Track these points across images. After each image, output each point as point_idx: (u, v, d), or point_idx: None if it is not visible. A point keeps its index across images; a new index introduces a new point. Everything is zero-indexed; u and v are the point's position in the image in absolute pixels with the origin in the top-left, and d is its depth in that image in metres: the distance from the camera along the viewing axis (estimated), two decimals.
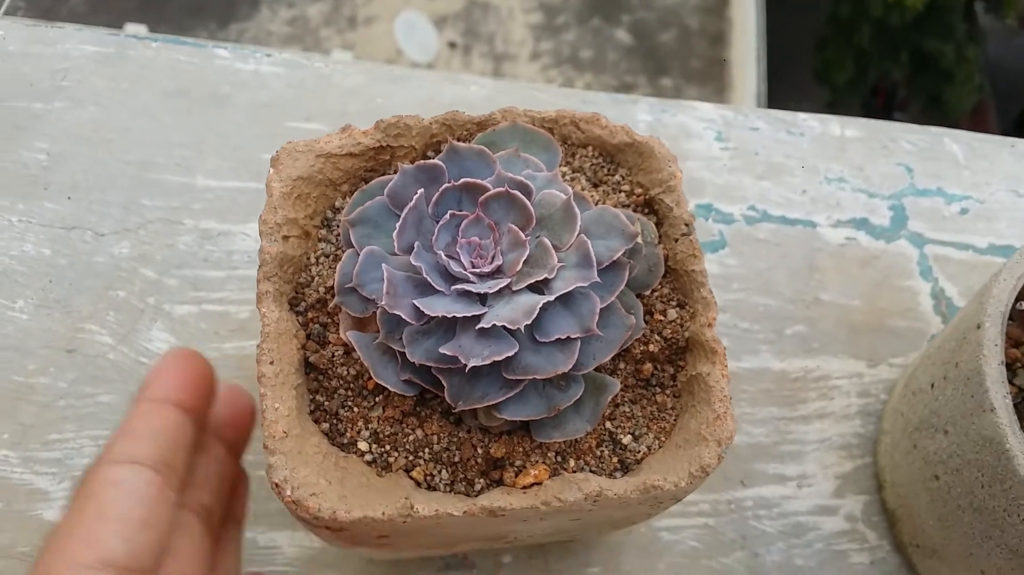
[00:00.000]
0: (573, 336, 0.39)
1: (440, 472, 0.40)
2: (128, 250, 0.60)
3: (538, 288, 0.40)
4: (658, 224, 0.47)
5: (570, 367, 0.39)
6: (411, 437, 0.41)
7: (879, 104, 8.68)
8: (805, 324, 0.64)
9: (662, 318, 0.44)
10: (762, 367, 0.62)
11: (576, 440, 0.41)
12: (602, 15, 7.99)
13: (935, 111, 7.90)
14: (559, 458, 0.41)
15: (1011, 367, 0.50)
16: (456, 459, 0.40)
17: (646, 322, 0.44)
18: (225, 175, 0.64)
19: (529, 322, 0.38)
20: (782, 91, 8.14)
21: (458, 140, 0.48)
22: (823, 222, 0.67)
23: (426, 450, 0.40)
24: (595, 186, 0.48)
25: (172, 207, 0.63)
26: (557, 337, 0.39)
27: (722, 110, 0.72)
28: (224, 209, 0.63)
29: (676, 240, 0.46)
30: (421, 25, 7.31)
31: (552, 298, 0.39)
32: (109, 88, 0.68)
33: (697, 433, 0.41)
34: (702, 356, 0.43)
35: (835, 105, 8.07)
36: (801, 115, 0.72)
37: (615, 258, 0.41)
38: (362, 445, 0.41)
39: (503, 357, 0.38)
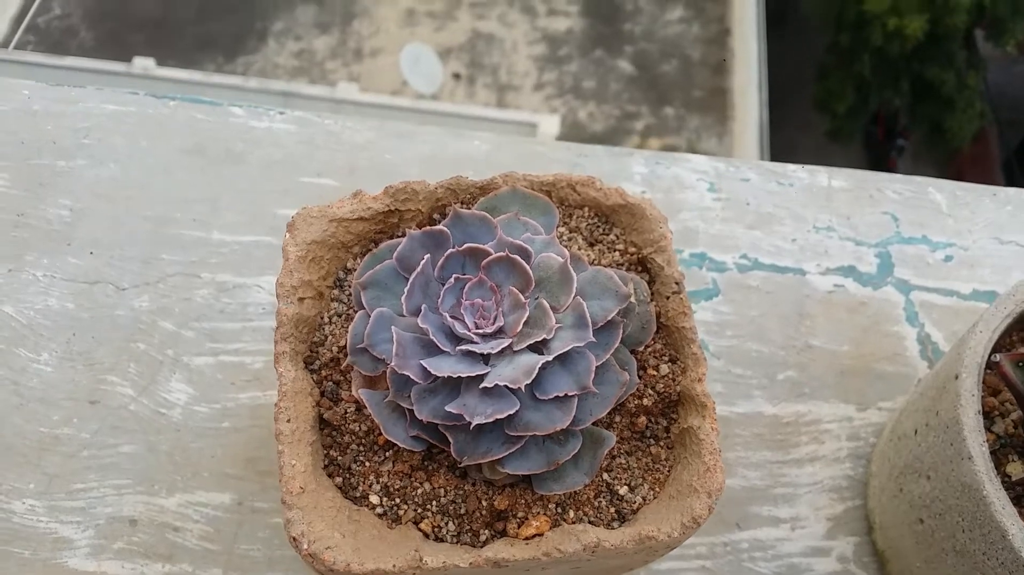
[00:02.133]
0: (571, 393, 0.42)
1: (447, 524, 0.43)
2: (148, 303, 0.63)
3: (537, 348, 0.43)
4: (650, 282, 0.50)
5: (568, 423, 0.42)
6: (419, 490, 0.43)
7: (880, 132, 8.75)
8: (796, 369, 0.66)
9: (655, 373, 0.47)
10: (755, 412, 0.64)
11: (575, 492, 0.44)
12: (604, 46, 8.08)
13: (937, 139, 7.96)
14: (559, 509, 0.43)
15: (989, 415, 0.53)
16: (462, 511, 0.43)
17: (640, 377, 0.47)
18: (240, 230, 0.67)
19: (529, 381, 0.41)
20: (784, 120, 8.21)
21: (462, 204, 0.51)
22: (812, 270, 0.70)
23: (434, 503, 0.43)
24: (591, 245, 0.51)
25: (190, 261, 0.65)
26: (556, 395, 0.42)
27: (714, 162, 0.75)
28: (239, 263, 0.66)
29: (667, 298, 0.48)
30: (426, 57, 7.39)
31: (551, 358, 0.42)
32: (128, 146, 0.71)
33: (689, 485, 0.43)
34: (693, 410, 0.45)
35: (836, 133, 8.12)
36: (791, 166, 0.75)
37: (609, 318, 0.44)
38: (373, 498, 0.43)
39: (505, 415, 0.41)
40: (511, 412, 0.41)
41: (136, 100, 0.75)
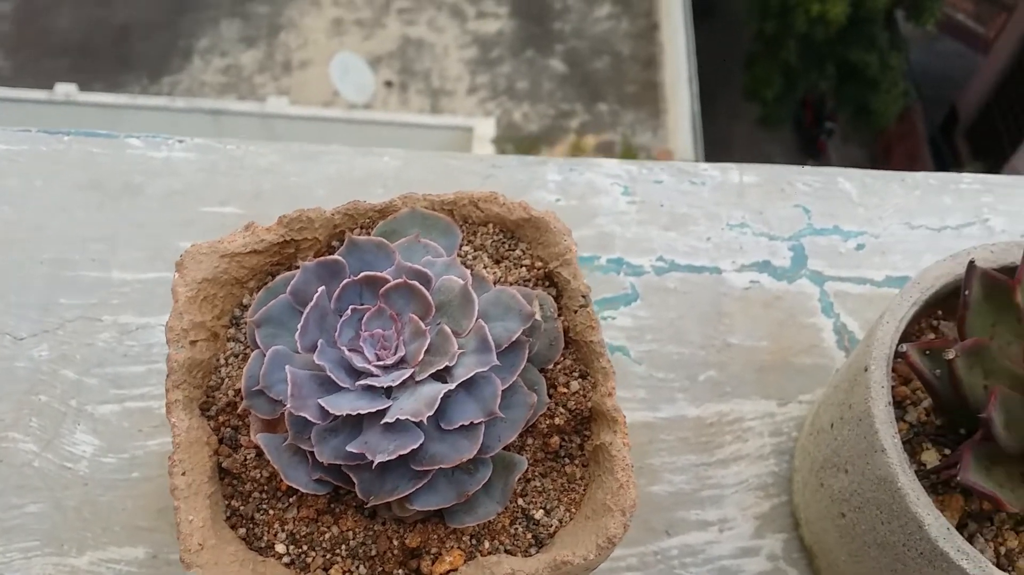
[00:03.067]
0: (476, 421, 0.41)
1: (358, 567, 0.42)
2: (48, 352, 0.61)
3: (441, 376, 0.42)
4: (557, 296, 0.49)
5: (475, 452, 0.41)
6: (327, 535, 0.42)
7: (808, 117, 8.91)
8: (716, 369, 0.66)
9: (566, 390, 0.46)
10: (679, 415, 0.64)
11: (490, 521, 0.43)
12: (535, 46, 8.11)
13: (863, 119, 8.13)
14: (474, 541, 0.42)
15: (901, 404, 0.53)
16: (373, 553, 0.42)
17: (550, 396, 0.46)
18: (141, 267, 0.65)
19: (432, 412, 0.40)
20: (716, 110, 8.32)
21: (361, 228, 0.49)
22: (728, 267, 0.70)
23: (343, 547, 0.42)
24: (497, 262, 0.50)
25: (90, 304, 0.63)
26: (461, 424, 0.41)
27: (627, 165, 0.74)
28: (141, 302, 0.63)
29: (575, 312, 0.48)
30: (356, 66, 7.33)
31: (454, 386, 0.41)
32: (22, 186, 0.69)
33: (603, 503, 0.42)
34: (605, 425, 0.45)
35: (766, 120, 8.26)
36: (702, 165, 0.75)
37: (513, 338, 0.43)
38: (280, 547, 0.42)
39: (408, 450, 0.40)
40: (415, 446, 0.40)
41: (28, 138, 0.72)
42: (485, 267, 0.50)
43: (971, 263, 0.50)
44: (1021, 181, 0.75)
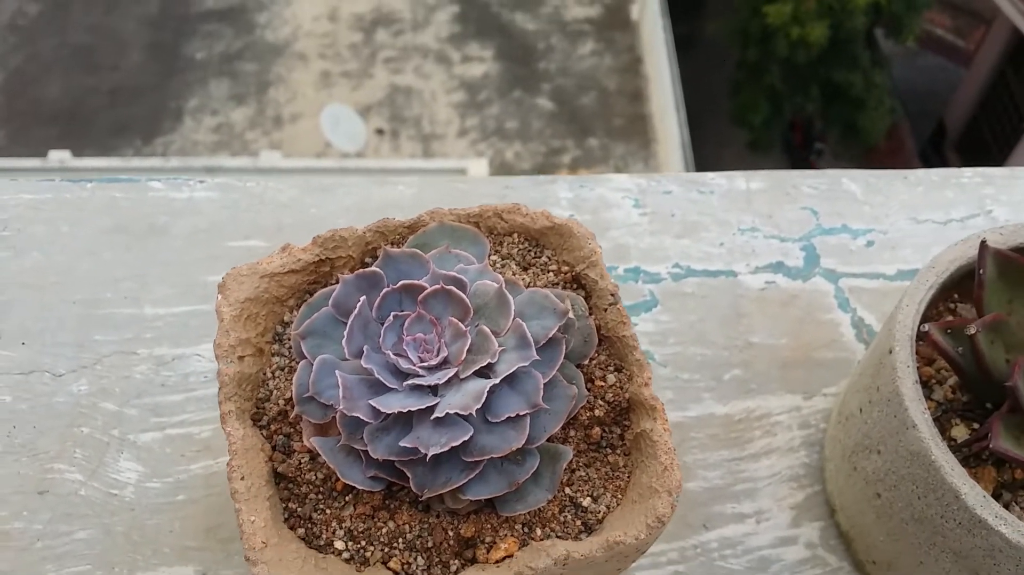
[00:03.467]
0: (522, 413, 0.43)
1: (416, 559, 0.43)
2: (87, 387, 0.62)
3: (484, 373, 0.43)
4: (587, 297, 0.51)
5: (523, 442, 0.42)
6: (384, 530, 0.43)
7: (797, 139, 9.00)
8: (741, 367, 0.67)
9: (603, 384, 0.48)
10: (707, 413, 0.65)
11: (539, 509, 0.44)
12: (522, 86, 8.20)
13: (852, 138, 8.20)
14: (526, 529, 0.44)
15: (927, 384, 0.54)
16: (429, 544, 0.43)
17: (588, 390, 0.47)
18: (172, 302, 0.67)
19: (480, 406, 0.41)
20: (704, 137, 8.40)
21: (392, 244, 0.51)
22: (743, 270, 0.72)
23: (400, 540, 0.43)
24: (525, 269, 0.52)
25: (125, 339, 0.65)
26: (507, 416, 0.42)
27: (636, 179, 0.76)
28: (175, 334, 0.65)
29: (605, 310, 0.49)
30: (346, 116, 7.40)
31: (498, 380, 0.43)
32: (50, 233, 0.71)
33: (649, 486, 0.44)
34: (644, 414, 0.46)
35: (755, 144, 8.33)
36: (709, 175, 0.77)
37: (550, 335, 0.45)
38: (338, 544, 0.43)
39: (460, 442, 0.41)
40: (466, 438, 0.41)
41: (52, 187, 0.74)
42: (514, 274, 0.51)
43: (983, 243, 0.52)
44: (1020, 172, 0.78)
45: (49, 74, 7.81)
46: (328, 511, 0.43)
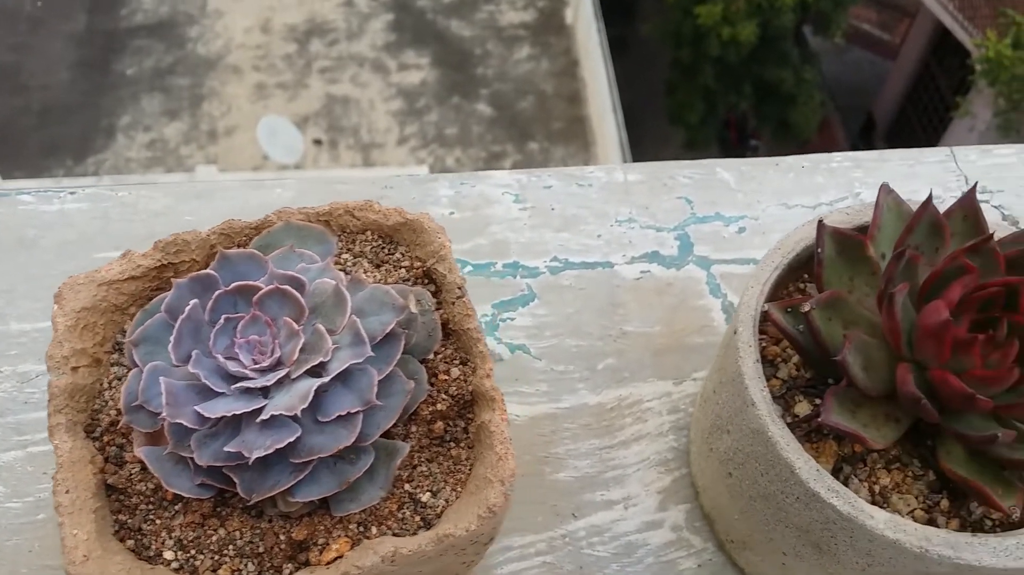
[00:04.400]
0: (353, 411, 0.43)
1: (246, 566, 0.42)
2: None
3: (316, 372, 0.43)
4: (437, 291, 0.51)
5: (353, 440, 0.42)
6: (214, 537, 0.43)
7: (733, 137, 9.14)
8: (615, 357, 0.68)
9: (447, 377, 0.48)
10: (580, 404, 0.66)
11: (376, 508, 0.44)
12: (460, 93, 8.20)
13: (785, 134, 8.35)
14: (361, 528, 0.44)
15: (773, 362, 0.56)
16: (260, 550, 0.43)
17: (432, 384, 0.48)
18: (38, 317, 0.65)
19: (306, 406, 0.41)
20: (643, 137, 8.48)
21: (238, 246, 0.51)
22: (619, 261, 0.73)
23: (230, 547, 0.43)
24: (377, 266, 0.52)
25: None
26: (338, 414, 0.42)
27: (516, 175, 0.77)
28: (40, 350, 0.64)
29: (453, 303, 0.50)
30: (283, 128, 7.32)
31: (328, 379, 0.43)
32: None
33: (484, 477, 0.44)
34: (485, 406, 0.47)
35: (692, 143, 8.44)
36: (588, 168, 0.78)
37: (388, 331, 0.45)
38: (168, 554, 0.42)
39: (285, 443, 0.41)
40: (291, 439, 0.41)
41: None
42: (366, 272, 0.52)
43: (820, 222, 0.53)
44: (887, 155, 0.80)
45: None
46: (158, 521, 0.43)
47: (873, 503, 0.51)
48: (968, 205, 0.55)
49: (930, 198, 0.53)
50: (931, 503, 0.51)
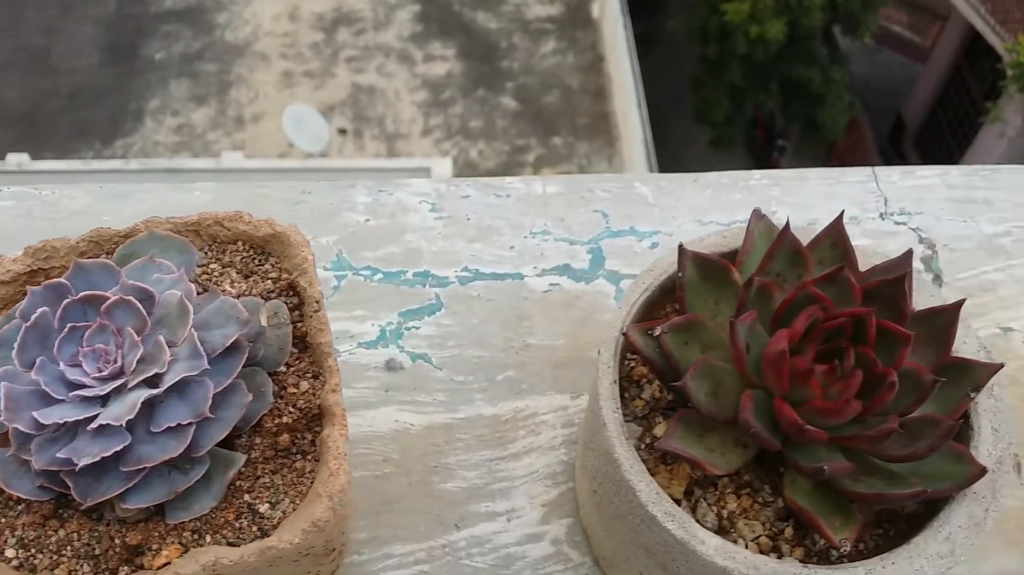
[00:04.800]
0: (185, 422, 0.44)
1: (82, 567, 0.44)
2: None
3: (153, 382, 0.45)
4: (300, 304, 0.52)
5: (182, 451, 0.44)
6: (54, 538, 0.44)
7: (761, 136, 9.05)
8: (515, 369, 0.69)
9: (295, 390, 0.49)
10: (476, 414, 0.67)
11: (212, 517, 0.46)
12: (486, 85, 8.20)
13: (812, 134, 8.27)
14: (195, 536, 0.45)
15: (639, 383, 0.56)
16: (96, 552, 0.44)
17: (281, 397, 0.49)
18: None
19: (132, 416, 0.43)
20: (668, 135, 8.44)
21: (107, 254, 0.52)
22: (529, 273, 0.74)
23: (68, 548, 0.44)
24: (246, 277, 0.53)
25: None
26: (168, 425, 0.44)
27: (435, 184, 0.78)
28: None
29: (311, 317, 0.51)
30: (309, 116, 7.37)
31: (162, 390, 0.44)
32: None
33: (316, 491, 0.45)
34: (328, 420, 0.48)
35: (718, 142, 8.39)
36: (507, 179, 0.79)
37: (229, 343, 0.46)
38: (9, 552, 0.44)
39: (111, 452, 0.42)
40: (118, 448, 0.43)
41: None
42: (233, 282, 0.53)
43: (680, 247, 0.54)
44: (806, 174, 0.80)
45: (5, 76, 7.73)
46: (3, 519, 0.45)
47: (720, 527, 0.51)
48: (836, 233, 0.55)
49: (787, 226, 0.53)
50: (777, 531, 0.52)
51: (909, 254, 0.55)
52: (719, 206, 0.78)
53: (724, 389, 0.51)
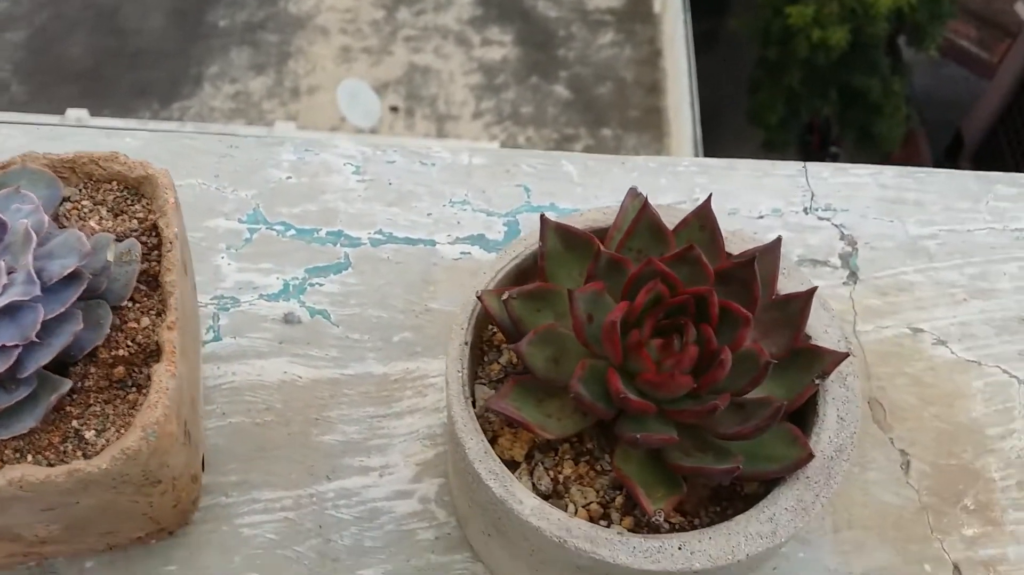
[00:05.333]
0: (11, 344, 0.45)
1: None
2: None
3: None
4: (160, 244, 0.53)
5: (4, 370, 0.45)
6: None
7: (815, 141, 8.90)
8: (412, 331, 0.70)
9: (136, 326, 0.50)
10: (366, 372, 0.68)
11: (36, 438, 0.47)
12: (540, 72, 8.18)
13: (867, 144, 8.12)
14: (17, 455, 0.47)
15: (499, 348, 0.57)
16: None
17: (121, 330, 0.50)
18: None
19: None
20: (720, 135, 8.34)
21: None
22: (443, 240, 0.74)
23: None
24: (116, 216, 0.55)
25: None
26: None
27: (362, 146, 0.79)
28: None
29: (165, 257, 0.52)
30: (363, 92, 7.44)
31: None
32: None
33: (135, 422, 0.46)
34: (162, 355, 0.49)
35: (770, 145, 8.26)
36: (435, 147, 0.79)
37: (67, 273, 0.47)
38: None
39: None
40: None
41: None
42: (101, 219, 0.54)
43: (542, 216, 0.54)
44: (736, 164, 0.79)
45: (73, 34, 7.91)
46: None
47: (554, 492, 0.52)
48: (704, 215, 0.55)
49: (647, 203, 0.53)
50: (609, 499, 0.52)
51: (778, 241, 0.54)
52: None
53: (568, 357, 0.51)
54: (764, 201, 0.76)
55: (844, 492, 0.65)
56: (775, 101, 7.95)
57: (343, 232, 0.75)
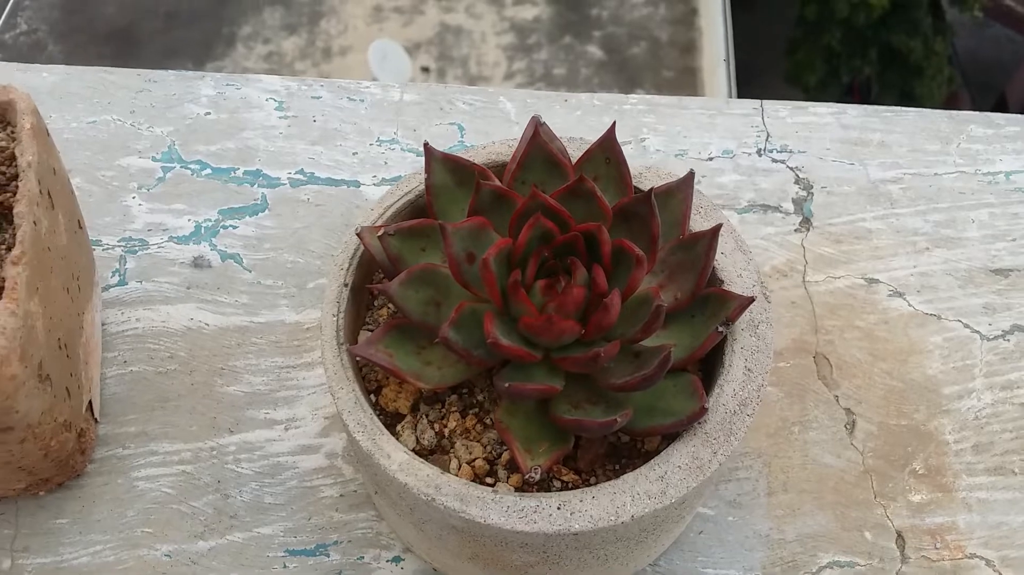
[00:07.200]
0: None
1: None
2: None
3: None
4: (16, 176, 0.50)
5: None
6: None
7: (855, 102, 8.67)
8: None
9: None
10: (277, 320, 0.64)
11: None
12: (573, 32, 8.05)
13: (907, 105, 7.88)
14: None
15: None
16: None
17: None
18: None
19: None
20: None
21: None
22: (368, 182, 0.70)
23: None
24: None
25: None
26: None
27: (287, 81, 0.74)
28: None
29: (17, 188, 0.48)
30: (394, 52, 7.38)
31: None
32: None
33: None
34: (2, 291, 0.45)
35: None
36: (364, 83, 0.75)
37: None
38: None
39: None
40: None
41: None
42: None
43: (426, 145, 0.49)
44: (687, 102, 0.73)
45: None
46: None
47: (438, 447, 0.48)
48: (608, 147, 0.49)
49: (536, 131, 0.48)
50: (496, 455, 0.47)
51: (691, 176, 0.49)
52: (585, 128, 0.72)
53: (451, 300, 0.46)
54: (715, 142, 0.70)
55: (782, 453, 0.60)
56: (814, 61, 7.75)
57: (261, 172, 0.70)
